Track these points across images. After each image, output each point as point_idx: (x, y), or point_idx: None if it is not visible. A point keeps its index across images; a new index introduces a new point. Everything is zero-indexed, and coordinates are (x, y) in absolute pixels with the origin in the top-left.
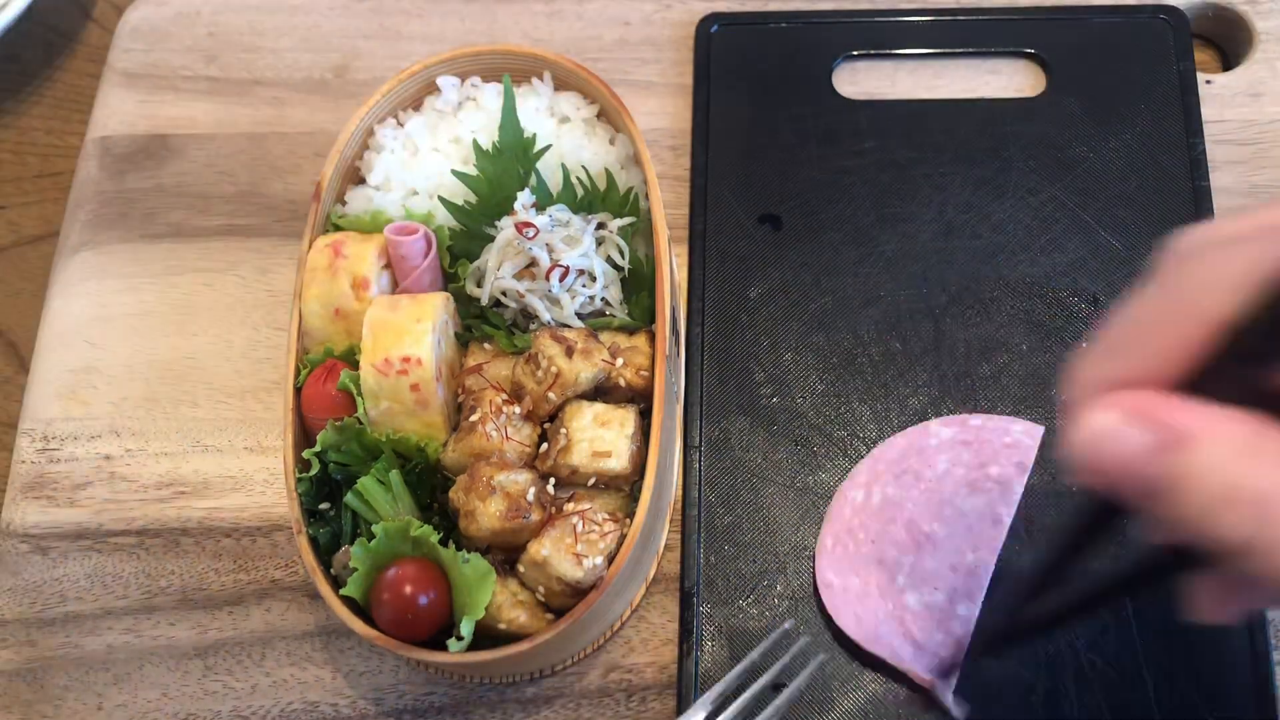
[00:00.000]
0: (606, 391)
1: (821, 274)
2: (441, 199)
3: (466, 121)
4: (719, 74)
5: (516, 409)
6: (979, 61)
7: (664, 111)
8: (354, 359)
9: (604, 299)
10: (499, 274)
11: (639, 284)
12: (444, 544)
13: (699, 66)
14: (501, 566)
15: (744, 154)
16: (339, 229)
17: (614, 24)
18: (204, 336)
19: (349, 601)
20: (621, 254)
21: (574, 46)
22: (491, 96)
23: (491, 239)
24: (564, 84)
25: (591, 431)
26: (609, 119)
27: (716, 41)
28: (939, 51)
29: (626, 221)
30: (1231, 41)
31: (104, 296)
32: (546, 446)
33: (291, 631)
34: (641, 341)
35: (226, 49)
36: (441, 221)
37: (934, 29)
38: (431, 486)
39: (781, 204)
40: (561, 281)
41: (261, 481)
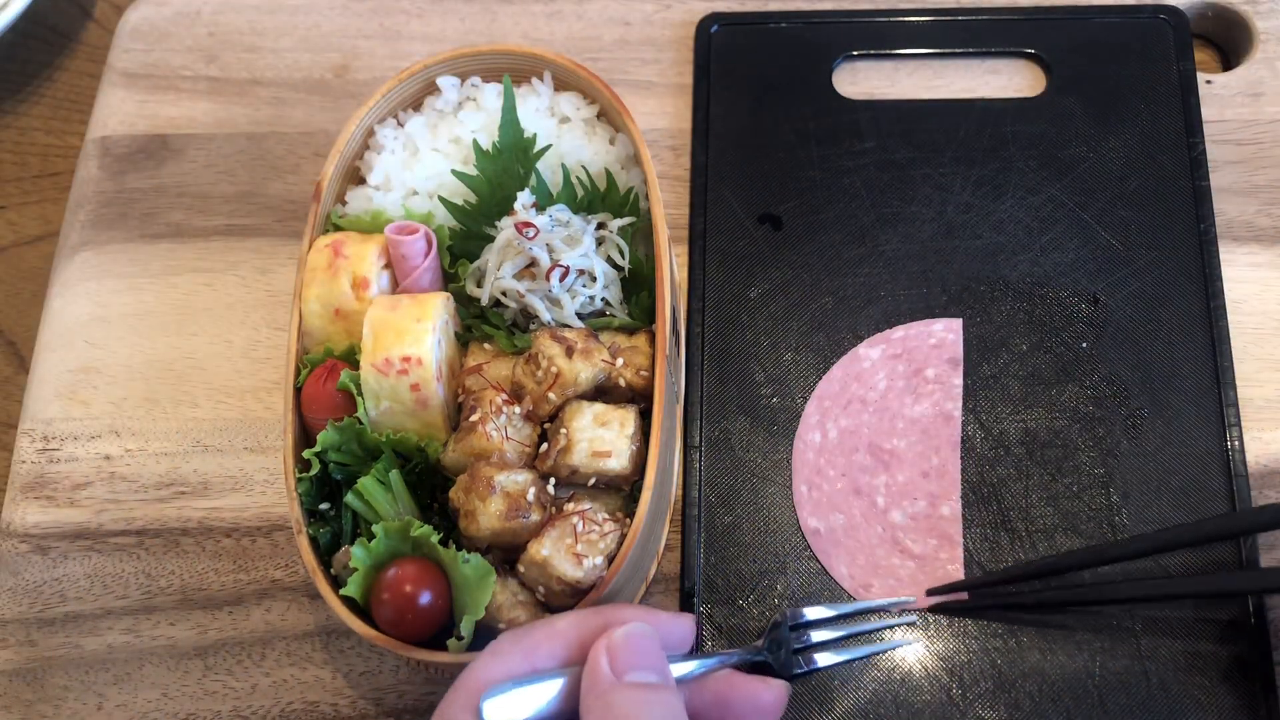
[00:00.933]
0: (606, 391)
1: (821, 274)
2: (441, 199)
3: (466, 121)
4: (719, 74)
5: (516, 409)
6: (979, 61)
7: (664, 111)
8: (354, 359)
9: (604, 299)
10: (499, 274)
11: (639, 284)
12: (444, 544)
13: (699, 66)
14: (501, 566)
15: (744, 154)
16: (339, 229)
17: (614, 24)
18: (204, 336)
19: (349, 601)
20: (621, 254)
21: (574, 46)
22: (491, 96)
23: (491, 239)
24: (564, 84)
25: (591, 431)
26: (609, 119)
27: (716, 41)
28: (939, 51)
29: (626, 221)
30: (1231, 41)
31: (104, 296)
32: (546, 446)
33: (291, 631)
34: (641, 341)
35: (226, 49)
36: (441, 221)
37: (934, 29)
38: (431, 486)
39: (781, 204)
40: (561, 281)
41: (261, 481)
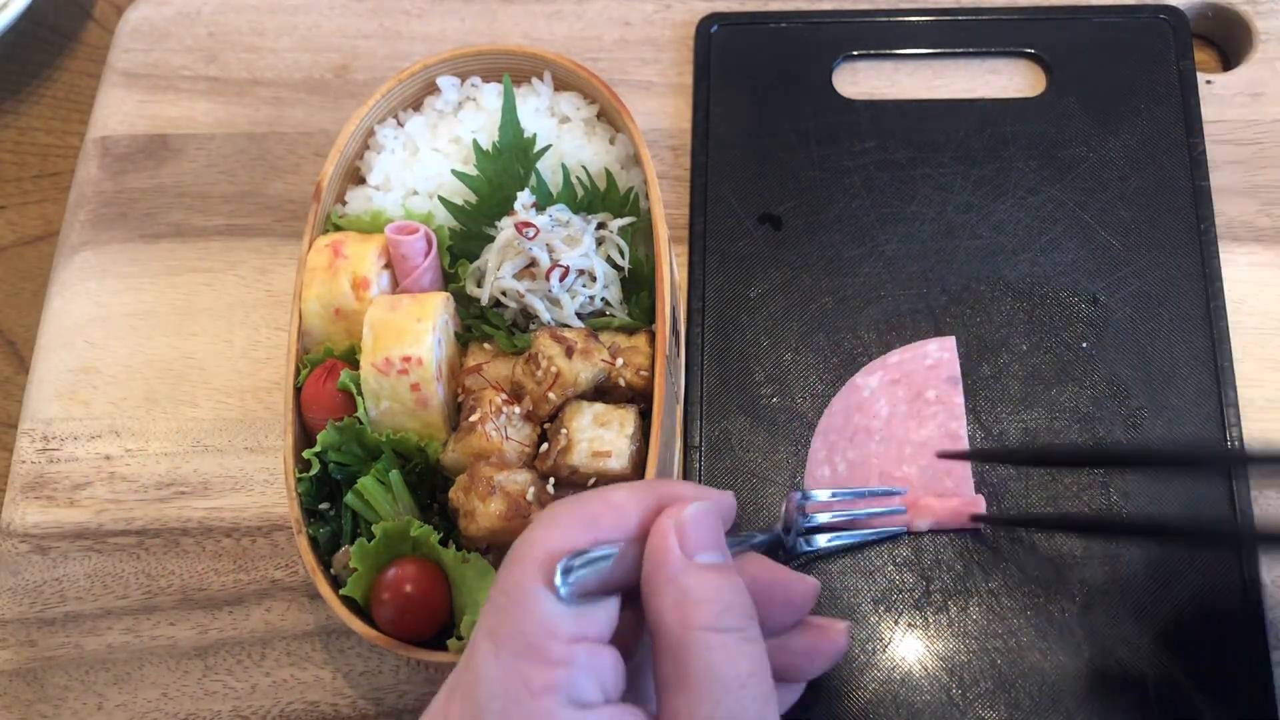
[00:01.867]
0: (606, 391)
1: (821, 274)
2: (441, 199)
3: (466, 121)
4: (719, 74)
5: (516, 409)
6: (979, 61)
7: (664, 111)
8: (354, 359)
9: (604, 299)
10: (499, 274)
11: (639, 284)
12: (444, 544)
13: (699, 66)
14: None
15: (744, 154)
16: (339, 229)
17: (614, 24)
18: (204, 336)
19: (349, 601)
20: (621, 254)
21: (574, 46)
22: (491, 96)
23: (491, 239)
24: (564, 84)
25: (591, 431)
26: (609, 119)
27: (716, 41)
28: (939, 51)
29: (626, 221)
30: (1231, 41)
31: (104, 296)
32: (546, 446)
33: (291, 631)
34: (641, 341)
35: (226, 49)
36: (441, 221)
37: (934, 29)
38: (431, 486)
39: (781, 204)
40: (561, 281)
41: (261, 481)
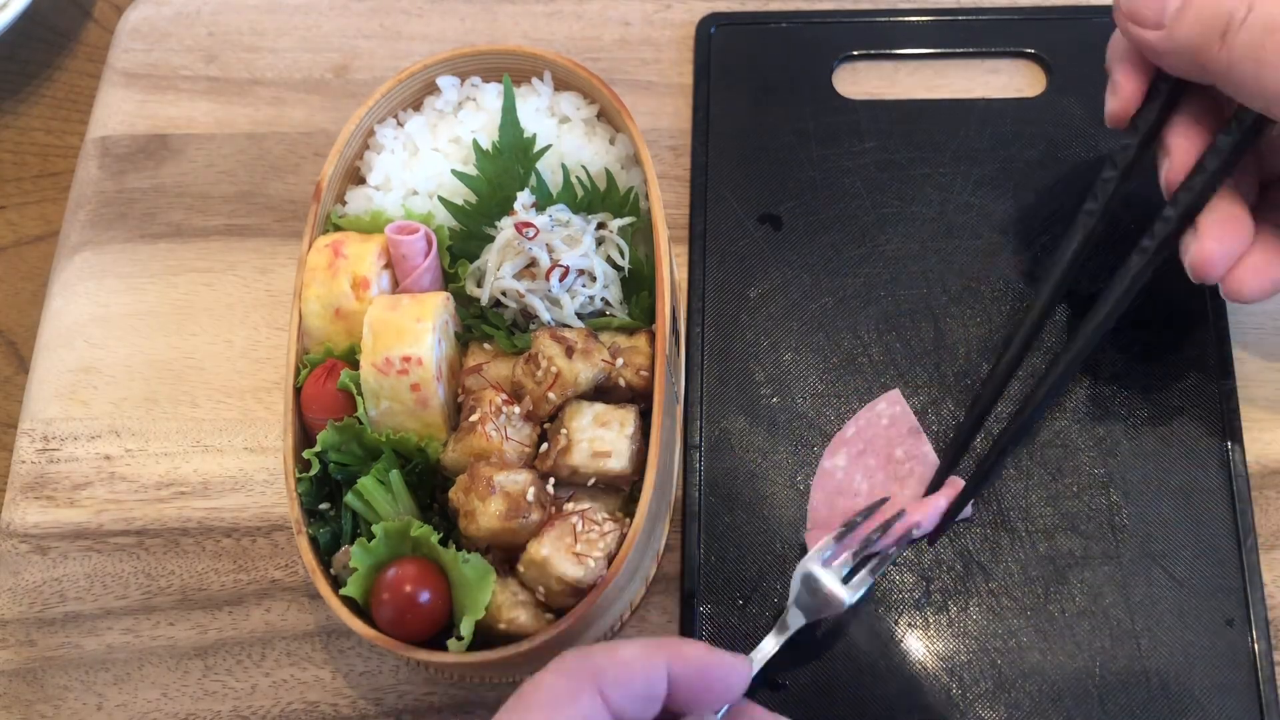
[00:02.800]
0: (606, 391)
1: (821, 274)
2: (441, 199)
3: (466, 121)
4: (719, 74)
5: (516, 409)
6: (979, 61)
7: (664, 111)
8: (354, 359)
9: (604, 299)
10: (499, 274)
11: (639, 284)
12: (444, 544)
13: (699, 66)
14: (501, 566)
15: (744, 154)
16: (339, 229)
17: (614, 24)
18: (204, 336)
19: (349, 601)
20: (621, 254)
21: (574, 46)
22: (491, 96)
23: (491, 239)
24: (564, 84)
25: (591, 431)
26: (609, 119)
27: (716, 41)
28: (939, 51)
29: (626, 221)
30: None
31: (104, 296)
32: (546, 446)
33: (291, 631)
34: (641, 341)
35: (226, 49)
36: (441, 221)
37: (934, 29)
38: (431, 486)
39: (781, 204)
40: (561, 281)
41: (261, 481)
